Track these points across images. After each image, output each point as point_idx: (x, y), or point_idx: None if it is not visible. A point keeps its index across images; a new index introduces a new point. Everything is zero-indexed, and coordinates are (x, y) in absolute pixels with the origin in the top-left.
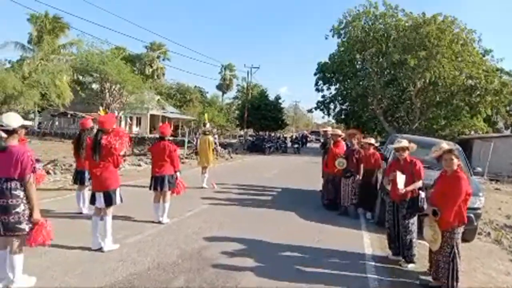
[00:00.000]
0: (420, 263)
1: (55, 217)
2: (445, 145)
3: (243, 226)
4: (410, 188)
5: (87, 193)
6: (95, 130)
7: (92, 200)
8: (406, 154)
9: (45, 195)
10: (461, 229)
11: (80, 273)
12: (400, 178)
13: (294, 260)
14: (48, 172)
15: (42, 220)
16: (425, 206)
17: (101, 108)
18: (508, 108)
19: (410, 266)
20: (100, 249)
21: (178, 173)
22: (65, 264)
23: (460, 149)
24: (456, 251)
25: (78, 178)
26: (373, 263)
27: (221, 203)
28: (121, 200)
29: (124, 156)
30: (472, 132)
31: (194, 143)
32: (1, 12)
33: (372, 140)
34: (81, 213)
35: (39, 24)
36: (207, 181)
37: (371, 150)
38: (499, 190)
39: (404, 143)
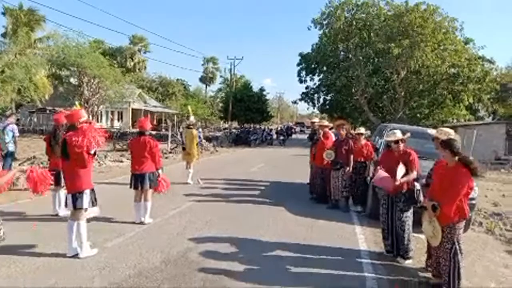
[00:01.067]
0: (416, 258)
1: (28, 220)
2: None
3: (231, 225)
4: (404, 179)
5: (63, 193)
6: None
7: (66, 203)
8: (402, 146)
9: (18, 196)
10: (462, 224)
11: (53, 284)
12: (400, 170)
13: (286, 261)
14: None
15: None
16: (421, 198)
17: (77, 103)
18: (489, 96)
19: (407, 262)
20: (76, 256)
21: (160, 171)
22: (37, 274)
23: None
24: (457, 247)
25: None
26: (369, 260)
27: (207, 200)
28: (93, 204)
29: (94, 155)
30: (455, 120)
31: (179, 137)
32: None
33: (362, 130)
34: (57, 215)
35: (14, 17)
36: (192, 177)
37: (363, 140)
38: (483, 177)
39: (399, 134)
